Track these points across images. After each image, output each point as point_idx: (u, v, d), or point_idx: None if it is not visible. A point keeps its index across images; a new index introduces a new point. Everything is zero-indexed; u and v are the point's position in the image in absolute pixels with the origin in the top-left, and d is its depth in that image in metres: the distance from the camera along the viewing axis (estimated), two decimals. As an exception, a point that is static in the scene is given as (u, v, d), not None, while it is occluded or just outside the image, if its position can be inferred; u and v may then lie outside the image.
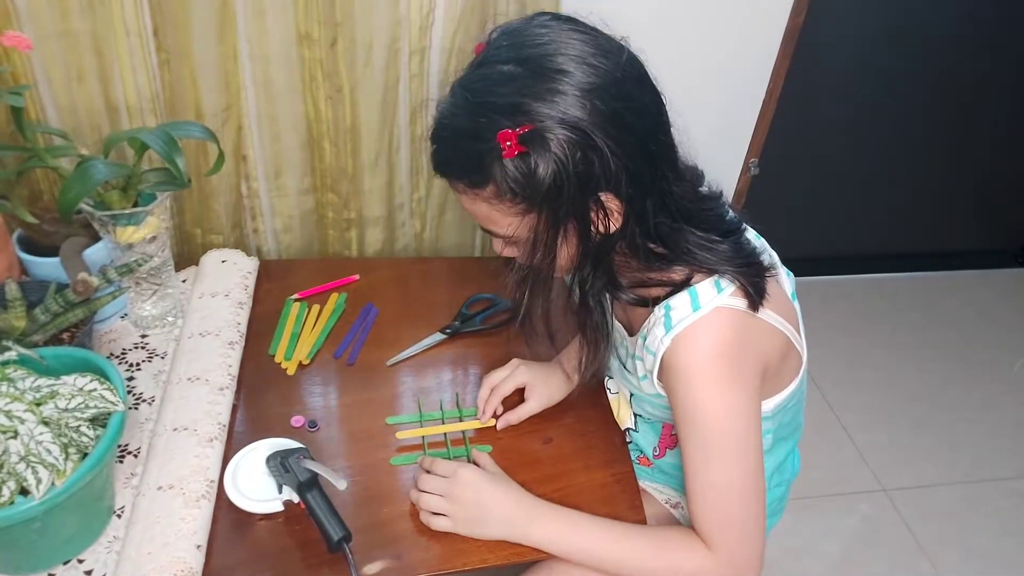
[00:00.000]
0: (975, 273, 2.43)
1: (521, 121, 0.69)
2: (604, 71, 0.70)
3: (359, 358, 1.05)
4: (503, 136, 0.69)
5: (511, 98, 0.70)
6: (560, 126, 0.68)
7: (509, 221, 0.75)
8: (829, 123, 2.01)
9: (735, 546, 0.78)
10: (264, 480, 0.85)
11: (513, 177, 0.70)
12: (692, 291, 0.78)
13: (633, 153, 0.71)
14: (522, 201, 0.73)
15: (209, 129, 0.95)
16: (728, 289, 0.78)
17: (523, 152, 0.69)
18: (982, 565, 1.60)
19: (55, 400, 0.72)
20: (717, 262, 0.78)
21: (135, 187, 0.92)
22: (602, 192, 0.72)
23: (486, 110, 0.71)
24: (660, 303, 0.80)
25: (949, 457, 1.84)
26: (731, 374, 0.77)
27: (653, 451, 1.00)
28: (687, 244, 0.79)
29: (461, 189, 0.76)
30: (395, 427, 0.95)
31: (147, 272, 0.99)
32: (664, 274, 0.80)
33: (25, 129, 0.86)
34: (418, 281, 1.20)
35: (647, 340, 0.82)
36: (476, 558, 0.81)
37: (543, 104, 0.68)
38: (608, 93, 0.70)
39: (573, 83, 0.69)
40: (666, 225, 0.78)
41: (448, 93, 0.76)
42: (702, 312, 0.77)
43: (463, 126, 0.73)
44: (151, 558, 0.74)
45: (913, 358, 2.11)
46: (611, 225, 0.75)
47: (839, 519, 1.68)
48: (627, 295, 0.82)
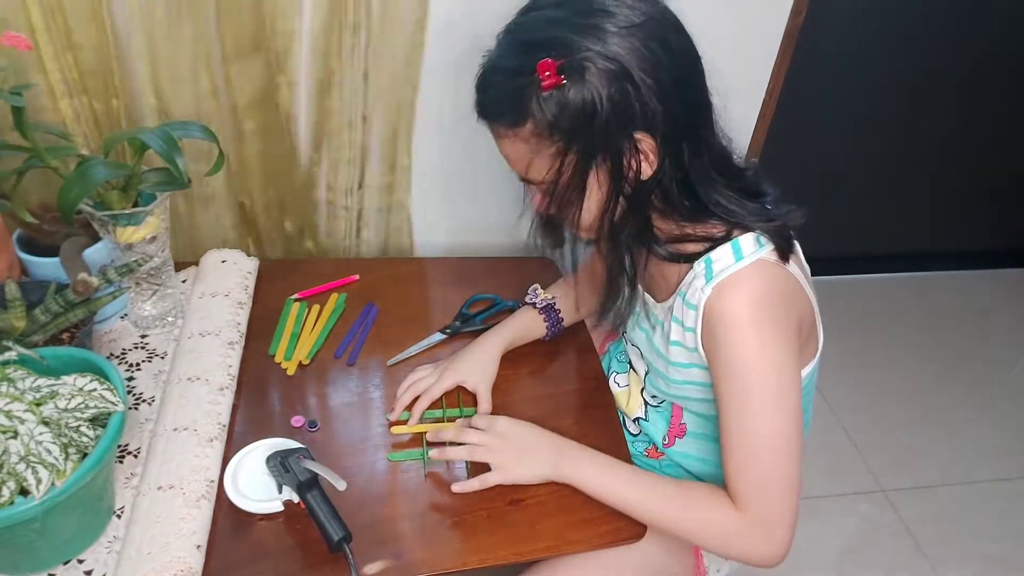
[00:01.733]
0: (975, 273, 2.43)
1: (561, 53, 0.71)
2: (643, 13, 0.72)
3: (359, 358, 1.05)
4: (543, 66, 0.70)
5: (552, 32, 0.72)
6: (599, 57, 0.70)
7: (547, 163, 0.76)
8: (829, 123, 2.01)
9: (766, 504, 0.78)
10: (264, 480, 0.85)
11: (551, 109, 0.72)
12: (735, 243, 0.80)
13: (670, 94, 0.73)
14: (560, 138, 0.74)
15: (209, 129, 0.95)
16: (768, 246, 0.80)
17: (561, 83, 0.71)
18: (981, 566, 1.60)
19: (55, 400, 0.72)
20: (750, 219, 0.80)
21: (135, 187, 0.92)
22: (637, 132, 0.73)
23: (529, 47, 0.73)
24: (700, 258, 0.81)
25: (948, 458, 1.84)
26: (774, 325, 0.78)
27: (663, 440, 1.00)
28: (719, 197, 0.80)
29: (502, 132, 0.78)
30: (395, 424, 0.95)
31: (147, 272, 0.99)
32: (703, 228, 0.82)
33: (25, 129, 0.86)
34: (418, 281, 1.20)
35: (686, 296, 0.83)
36: (476, 558, 0.81)
37: (583, 38, 0.71)
38: (647, 33, 0.72)
39: (613, 21, 0.71)
40: (700, 172, 0.78)
41: (495, 43, 0.79)
42: (745, 262, 0.79)
43: (507, 66, 0.76)
44: (151, 558, 0.74)
45: (913, 358, 2.11)
46: (645, 169, 0.76)
47: (838, 519, 1.68)
48: (663, 249, 0.83)
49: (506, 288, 1.17)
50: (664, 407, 0.99)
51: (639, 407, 1.01)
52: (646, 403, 1.00)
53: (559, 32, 0.72)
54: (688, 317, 0.83)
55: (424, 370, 1.01)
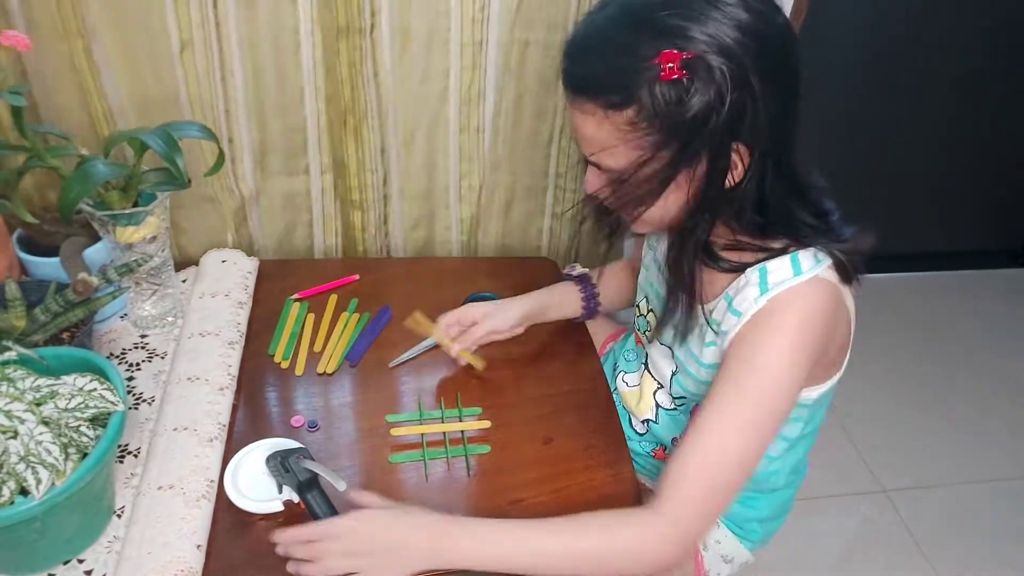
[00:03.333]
0: (975, 273, 2.43)
1: (683, 46, 0.66)
2: (765, 18, 0.69)
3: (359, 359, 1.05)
4: (666, 56, 0.66)
5: (674, 20, 0.67)
6: (724, 57, 0.66)
7: (632, 153, 0.72)
8: (829, 123, 2.01)
9: (697, 510, 0.75)
10: (264, 480, 0.85)
11: (661, 102, 0.68)
12: (794, 257, 0.78)
13: (779, 110, 0.71)
14: (660, 131, 0.70)
15: (209, 128, 0.95)
16: (826, 262, 0.78)
17: (681, 78, 0.66)
18: (981, 566, 1.60)
19: (55, 400, 0.72)
20: (816, 238, 0.78)
21: (135, 187, 0.92)
22: (741, 141, 0.71)
23: (646, 27, 0.68)
24: (753, 267, 0.79)
25: (948, 458, 1.84)
26: (804, 349, 0.75)
27: (674, 442, 0.99)
28: (790, 217, 0.78)
29: (591, 109, 0.72)
30: (394, 426, 0.95)
31: (147, 272, 0.99)
32: (763, 242, 0.79)
33: (25, 129, 0.86)
34: (418, 281, 1.20)
35: (733, 302, 0.80)
36: (476, 558, 0.81)
37: (707, 32, 0.66)
38: (767, 40, 0.69)
39: (738, 20, 0.67)
40: (779, 193, 0.76)
41: (597, 6, 0.74)
42: (803, 277, 0.76)
43: (617, 40, 0.70)
44: (151, 558, 0.74)
45: (913, 358, 2.11)
46: (733, 178, 0.73)
47: (839, 520, 1.68)
48: (723, 263, 0.80)
49: (506, 288, 1.17)
50: (681, 411, 0.97)
51: (650, 409, 1.00)
52: (658, 405, 1.00)
53: (680, 20, 0.67)
54: (728, 322, 0.81)
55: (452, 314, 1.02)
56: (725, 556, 1.00)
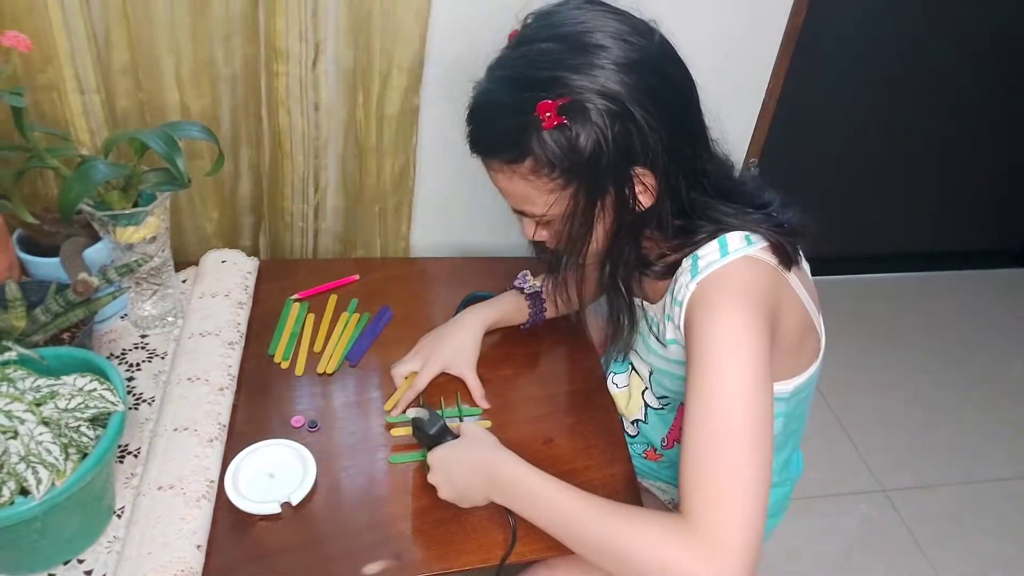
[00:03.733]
0: (975, 273, 2.43)
1: (561, 93, 0.70)
2: (640, 47, 0.72)
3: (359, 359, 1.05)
4: (543, 107, 0.70)
5: (550, 71, 0.71)
6: (599, 97, 0.70)
7: (545, 198, 0.77)
8: (829, 123, 2.01)
9: (718, 515, 0.66)
10: (264, 481, 0.85)
11: (552, 149, 0.72)
12: (721, 240, 0.79)
13: (669, 128, 0.73)
14: (560, 175, 0.74)
15: (209, 129, 0.95)
16: (758, 244, 0.79)
17: (562, 123, 0.70)
18: (981, 566, 1.60)
19: (55, 400, 0.72)
20: (748, 225, 0.79)
21: (135, 187, 0.92)
22: (638, 167, 0.74)
23: (525, 85, 0.73)
24: (688, 257, 0.81)
25: (948, 457, 1.84)
26: (749, 311, 0.74)
27: (662, 442, 1.00)
28: (718, 215, 0.80)
29: (497, 167, 0.78)
30: (395, 426, 0.95)
31: (147, 272, 0.99)
32: (690, 240, 0.81)
33: (25, 129, 0.86)
34: (417, 281, 1.20)
35: (674, 292, 0.83)
36: (476, 558, 0.81)
37: (581, 77, 0.70)
38: (644, 68, 0.72)
39: (611, 58, 0.71)
40: (699, 201, 0.79)
41: (485, 74, 0.78)
42: (730, 257, 0.78)
43: (502, 102, 0.75)
44: (151, 558, 0.74)
45: (913, 358, 2.11)
46: (645, 200, 0.77)
47: (838, 519, 1.68)
48: (656, 267, 0.84)
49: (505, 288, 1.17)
50: (668, 410, 0.98)
51: (639, 409, 1.01)
52: (646, 405, 1.00)
53: (555, 70, 0.71)
54: (675, 313, 0.83)
55: (409, 360, 1.00)
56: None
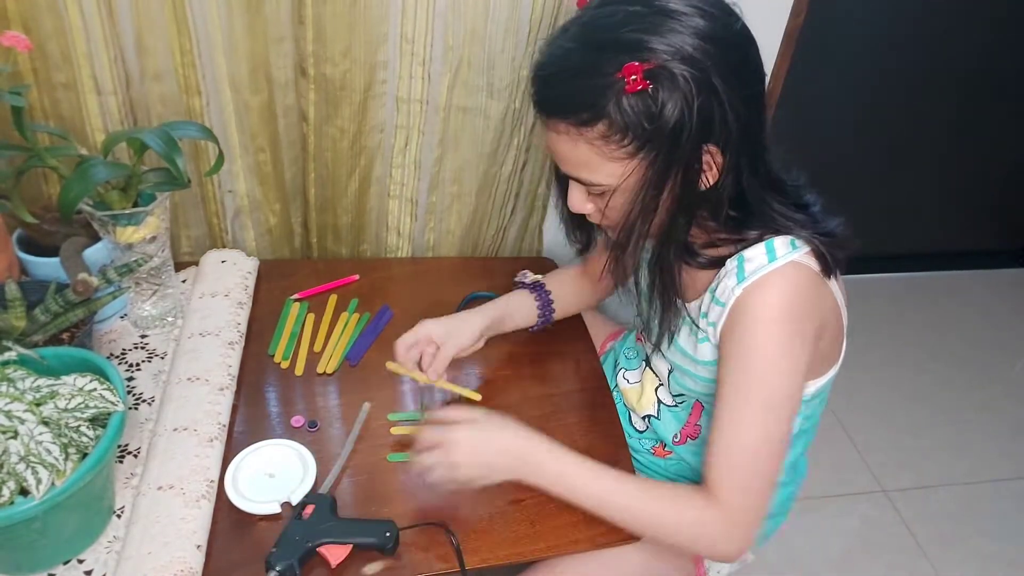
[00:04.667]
0: (975, 273, 2.43)
1: (645, 57, 0.68)
2: (723, 22, 0.72)
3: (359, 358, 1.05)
4: (629, 69, 0.68)
5: (634, 35, 0.69)
6: (685, 64, 0.68)
7: (609, 167, 0.74)
8: (829, 123, 2.01)
9: (744, 504, 0.78)
10: (264, 481, 0.85)
11: (632, 114, 0.70)
12: (769, 243, 0.79)
13: (744, 108, 0.72)
14: (633, 142, 0.72)
15: (208, 129, 0.95)
16: (803, 249, 0.79)
17: (646, 88, 0.69)
18: (982, 566, 1.60)
19: (55, 400, 0.72)
20: (794, 227, 0.79)
21: (135, 187, 0.92)
22: (711, 144, 0.73)
23: (606, 45, 0.71)
24: (732, 257, 0.80)
25: (949, 458, 1.84)
26: (794, 330, 0.77)
27: (674, 438, 1.00)
28: (769, 210, 0.79)
29: (563, 129, 0.75)
30: (395, 425, 0.95)
31: (147, 272, 0.99)
32: (737, 235, 0.81)
33: (25, 129, 0.86)
34: (418, 281, 1.20)
35: (716, 292, 0.82)
36: (476, 558, 0.81)
37: (666, 41, 0.69)
38: (727, 44, 0.71)
39: (696, 27, 0.69)
40: (755, 189, 0.78)
41: (559, 32, 0.76)
42: (778, 263, 0.78)
43: (580, 60, 0.72)
44: (151, 558, 0.74)
45: (913, 358, 2.11)
46: (708, 180, 0.75)
47: (839, 520, 1.68)
48: (701, 258, 0.82)
49: (505, 288, 1.17)
50: (683, 407, 0.98)
51: (651, 405, 1.00)
52: (659, 401, 1.00)
53: (640, 33, 0.69)
54: (714, 313, 0.83)
55: (408, 336, 0.96)
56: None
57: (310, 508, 0.80)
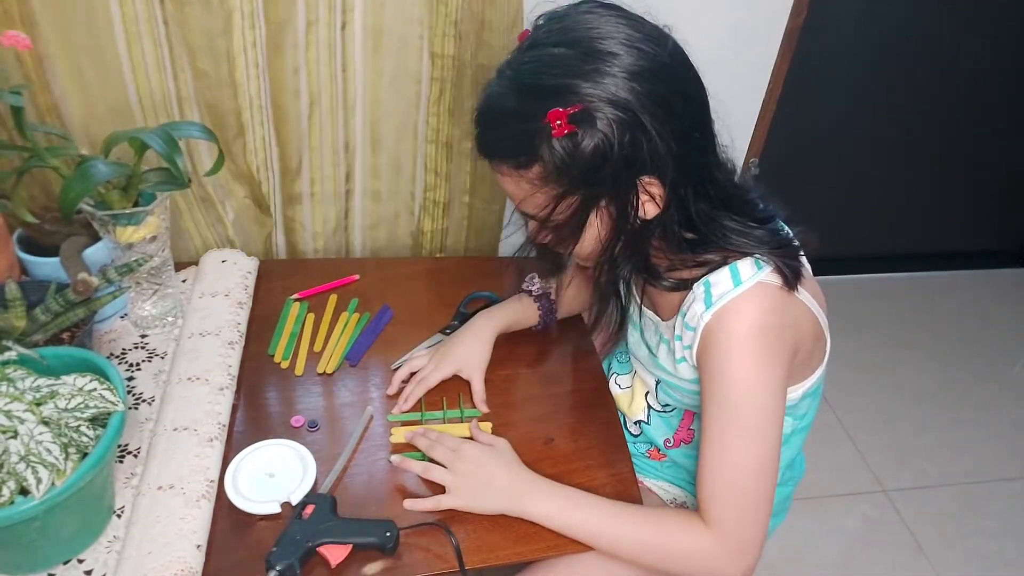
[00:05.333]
0: (975, 273, 2.43)
1: (572, 100, 0.70)
2: (652, 56, 0.72)
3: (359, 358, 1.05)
4: (553, 115, 0.70)
5: (561, 79, 0.71)
6: (609, 106, 0.70)
7: (549, 203, 0.76)
8: (829, 123, 2.01)
9: (739, 527, 0.78)
10: (264, 481, 0.85)
11: (560, 156, 0.72)
12: (733, 267, 0.79)
13: (679, 138, 0.72)
14: (567, 182, 0.74)
15: (209, 129, 0.95)
16: (767, 268, 0.79)
17: (572, 131, 0.70)
18: (982, 566, 1.60)
19: (55, 400, 0.72)
20: (752, 246, 0.79)
21: (135, 187, 0.92)
22: (645, 176, 0.73)
23: (536, 91, 0.72)
24: (699, 281, 0.81)
25: (949, 458, 1.84)
26: (768, 351, 0.78)
27: (666, 443, 1.00)
28: (724, 230, 0.80)
29: (506, 171, 0.77)
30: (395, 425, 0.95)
31: (147, 272, 0.99)
32: (699, 257, 0.81)
33: (25, 129, 0.86)
34: (417, 281, 1.20)
35: (686, 317, 0.83)
36: (476, 558, 0.81)
37: (593, 85, 0.70)
38: (656, 77, 0.71)
39: (622, 66, 0.70)
40: (705, 212, 0.79)
41: (495, 76, 0.77)
42: (744, 287, 0.78)
43: (512, 107, 0.74)
44: (151, 558, 0.74)
45: (913, 358, 2.11)
46: (651, 209, 0.76)
47: (839, 520, 1.68)
48: (666, 281, 0.83)
49: (505, 288, 1.17)
50: (674, 413, 0.98)
51: (641, 410, 1.01)
52: (650, 407, 1.00)
53: (566, 79, 0.70)
54: (687, 336, 0.83)
55: (421, 357, 1.01)
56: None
57: (310, 508, 0.80)
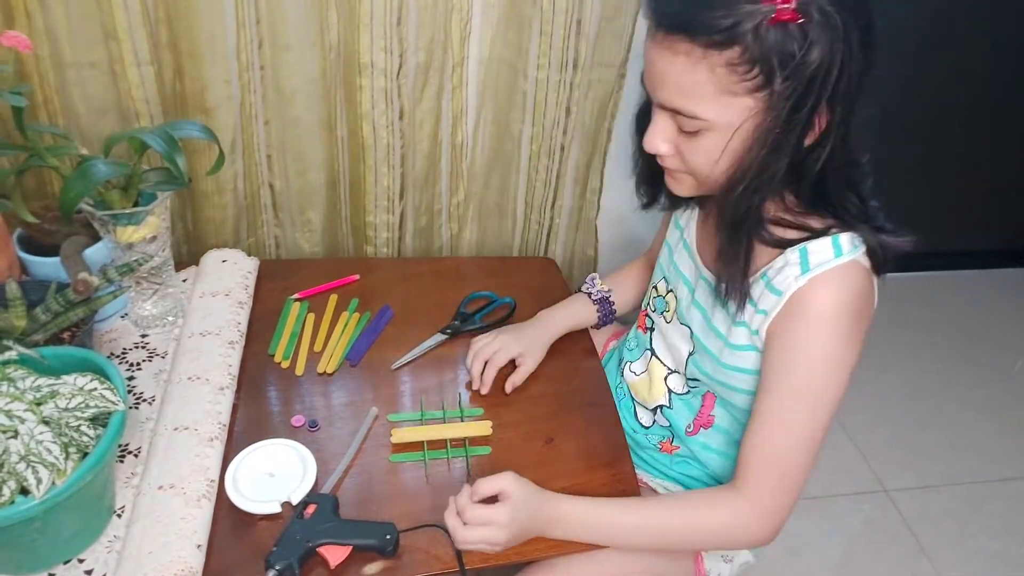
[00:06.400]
0: (976, 273, 2.43)
1: None
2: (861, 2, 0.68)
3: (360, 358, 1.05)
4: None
5: None
6: (831, 7, 0.65)
7: (721, 101, 0.69)
8: (829, 123, 2.01)
9: (777, 492, 0.79)
10: (264, 481, 0.85)
11: (771, 46, 0.65)
12: (835, 239, 0.78)
13: (861, 79, 0.69)
14: (759, 77, 0.66)
15: (209, 129, 0.95)
16: (861, 248, 0.78)
17: (794, 20, 0.64)
18: (983, 566, 1.60)
19: (55, 400, 0.72)
20: (858, 222, 0.78)
21: (135, 187, 0.92)
22: (829, 100, 0.68)
23: None
24: (794, 248, 0.78)
25: (950, 457, 1.83)
26: (851, 331, 0.77)
27: (687, 428, 0.98)
28: (842, 195, 0.77)
29: (684, 49, 0.68)
30: (395, 426, 0.95)
31: (147, 272, 0.99)
32: (802, 219, 0.79)
33: (25, 129, 0.86)
34: (417, 281, 1.20)
35: (772, 280, 0.80)
36: (476, 558, 0.81)
37: None
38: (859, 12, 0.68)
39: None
40: (838, 166, 0.74)
41: None
42: (843, 260, 0.77)
43: None
44: (151, 558, 0.74)
45: (914, 358, 2.10)
46: (808, 140, 0.71)
47: (840, 519, 1.68)
48: (766, 232, 0.77)
49: (505, 288, 1.17)
50: (693, 395, 0.96)
51: (663, 395, 0.99)
52: (670, 391, 0.99)
53: None
54: (766, 300, 0.80)
55: (485, 338, 1.02)
56: (725, 556, 1.00)
57: (312, 507, 0.80)
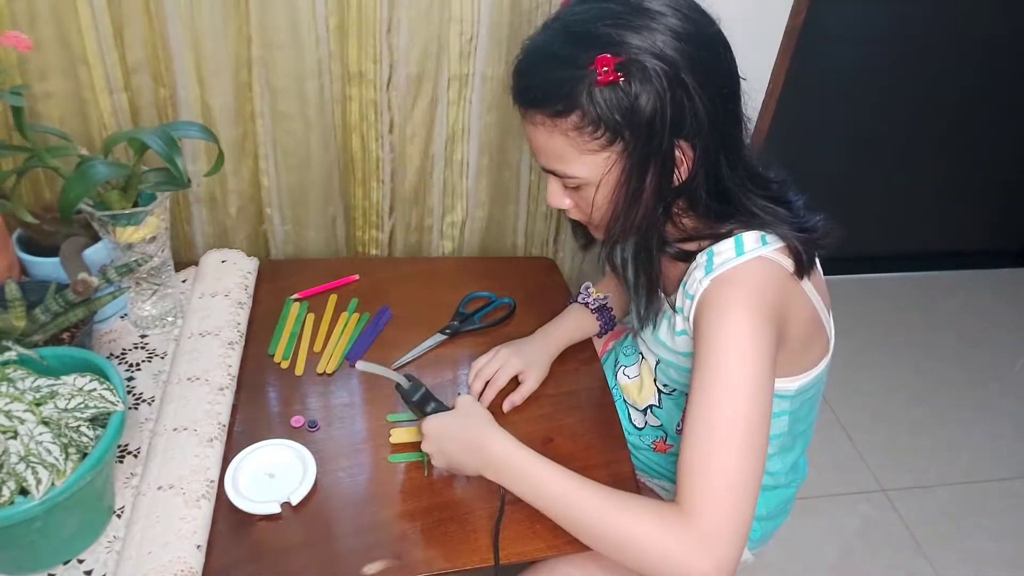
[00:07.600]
0: (975, 273, 2.43)
1: (620, 51, 0.71)
2: (698, 24, 0.74)
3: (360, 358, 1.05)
4: (602, 61, 0.70)
5: (611, 29, 0.72)
6: (656, 60, 0.71)
7: (582, 158, 0.76)
8: (829, 123, 2.01)
9: (715, 511, 0.69)
10: (264, 481, 0.85)
11: (604, 105, 0.72)
12: (738, 239, 0.80)
13: (716, 105, 0.73)
14: (605, 134, 0.74)
15: (208, 129, 0.95)
16: (773, 245, 0.80)
17: (617, 80, 0.71)
18: (981, 566, 1.60)
19: (55, 400, 0.72)
20: (775, 222, 0.80)
21: (135, 187, 0.92)
22: (681, 139, 0.74)
23: (584, 38, 0.73)
24: (703, 252, 0.82)
25: (949, 457, 1.84)
26: (758, 321, 0.76)
27: (676, 427, 1.00)
28: (750, 203, 0.80)
29: (540, 121, 0.77)
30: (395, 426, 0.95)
31: (147, 272, 0.99)
32: (719, 228, 0.82)
33: (25, 129, 0.86)
34: (417, 281, 1.20)
35: (687, 286, 0.83)
36: (476, 558, 0.81)
37: (642, 38, 0.71)
38: (700, 43, 0.73)
39: (669, 26, 0.72)
40: (734, 181, 0.79)
41: (540, 29, 0.79)
42: (745, 257, 0.79)
43: (557, 52, 0.75)
44: (151, 558, 0.74)
45: (913, 358, 2.11)
46: (680, 174, 0.77)
47: (838, 520, 1.68)
48: (672, 249, 0.84)
49: (505, 288, 1.17)
50: (678, 395, 0.99)
51: (652, 395, 1.01)
52: (659, 391, 1.00)
53: (615, 29, 0.71)
54: (686, 306, 0.84)
55: (486, 356, 1.02)
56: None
57: None
